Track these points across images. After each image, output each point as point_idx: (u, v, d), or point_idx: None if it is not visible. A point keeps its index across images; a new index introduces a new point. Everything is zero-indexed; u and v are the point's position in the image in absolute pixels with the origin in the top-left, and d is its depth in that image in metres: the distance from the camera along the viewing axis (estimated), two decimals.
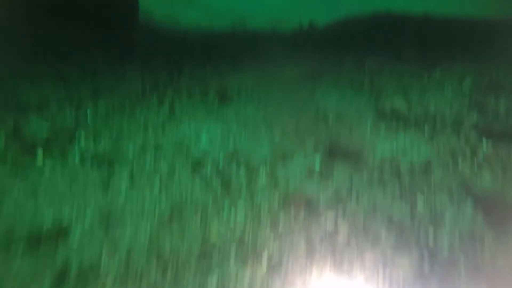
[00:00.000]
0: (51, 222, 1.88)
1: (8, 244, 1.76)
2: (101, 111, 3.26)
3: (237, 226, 1.95)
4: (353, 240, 1.87)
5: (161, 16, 11.15)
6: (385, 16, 8.84)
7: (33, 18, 5.16)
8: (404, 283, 1.64)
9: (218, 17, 12.92)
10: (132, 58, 5.15)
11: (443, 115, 3.12)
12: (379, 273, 1.70)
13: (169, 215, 1.97)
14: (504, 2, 9.18)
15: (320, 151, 2.63)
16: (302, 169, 2.42)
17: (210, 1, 14.17)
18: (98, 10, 6.07)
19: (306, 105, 3.44)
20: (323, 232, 1.91)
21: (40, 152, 2.40)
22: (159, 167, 2.40)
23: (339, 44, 6.22)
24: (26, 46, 4.30)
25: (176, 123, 3.12)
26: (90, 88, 3.82)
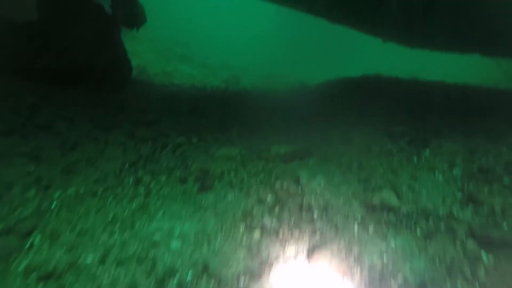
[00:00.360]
0: None
1: None
2: (69, 199, 2.98)
3: None
4: None
5: (157, 71, 11.33)
6: (374, 79, 9.00)
7: (17, 86, 5.07)
8: None
9: (213, 73, 13.20)
10: (118, 126, 4.98)
11: (436, 212, 2.88)
12: None
13: None
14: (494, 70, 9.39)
15: (301, 262, 2.33)
16: None
17: (207, 58, 14.52)
18: (89, 73, 6.04)
19: (291, 194, 3.19)
20: None
21: None
22: None
23: (328, 112, 6.15)
24: (2, 118, 4.12)
25: (148, 216, 2.83)
26: (65, 165, 3.57)
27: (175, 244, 2.46)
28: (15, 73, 5.36)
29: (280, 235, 2.64)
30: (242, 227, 2.71)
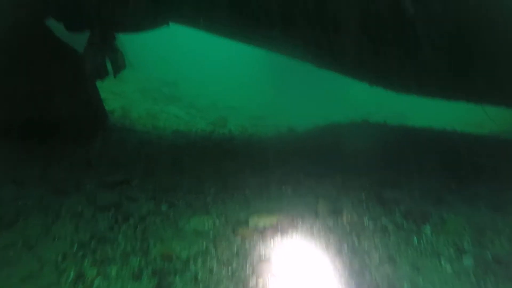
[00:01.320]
0: None
1: None
2: None
3: None
4: None
5: (141, 113, 10.79)
6: (362, 127, 8.59)
7: None
8: None
9: (200, 114, 12.71)
10: (78, 188, 4.28)
11: None
12: None
13: None
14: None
15: None
16: None
17: (195, 98, 14.10)
18: (56, 125, 5.40)
19: None
20: None
21: None
22: None
23: (315, 168, 5.56)
24: None
25: None
26: None
27: None
28: None
29: None
30: None
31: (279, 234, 3.40)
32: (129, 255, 3.02)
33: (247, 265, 2.89)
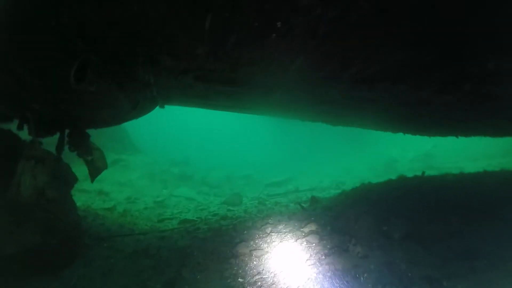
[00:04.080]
0: None
1: None
2: None
3: None
4: None
5: (148, 203, 9.39)
6: (398, 186, 6.80)
7: None
8: None
9: (214, 191, 11.25)
10: None
11: None
12: None
13: None
14: None
15: None
16: None
17: (207, 173, 12.69)
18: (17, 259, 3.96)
19: None
20: None
21: None
22: None
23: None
24: None
25: None
26: None
27: None
28: None
29: None
30: None
31: None
32: None
33: None
